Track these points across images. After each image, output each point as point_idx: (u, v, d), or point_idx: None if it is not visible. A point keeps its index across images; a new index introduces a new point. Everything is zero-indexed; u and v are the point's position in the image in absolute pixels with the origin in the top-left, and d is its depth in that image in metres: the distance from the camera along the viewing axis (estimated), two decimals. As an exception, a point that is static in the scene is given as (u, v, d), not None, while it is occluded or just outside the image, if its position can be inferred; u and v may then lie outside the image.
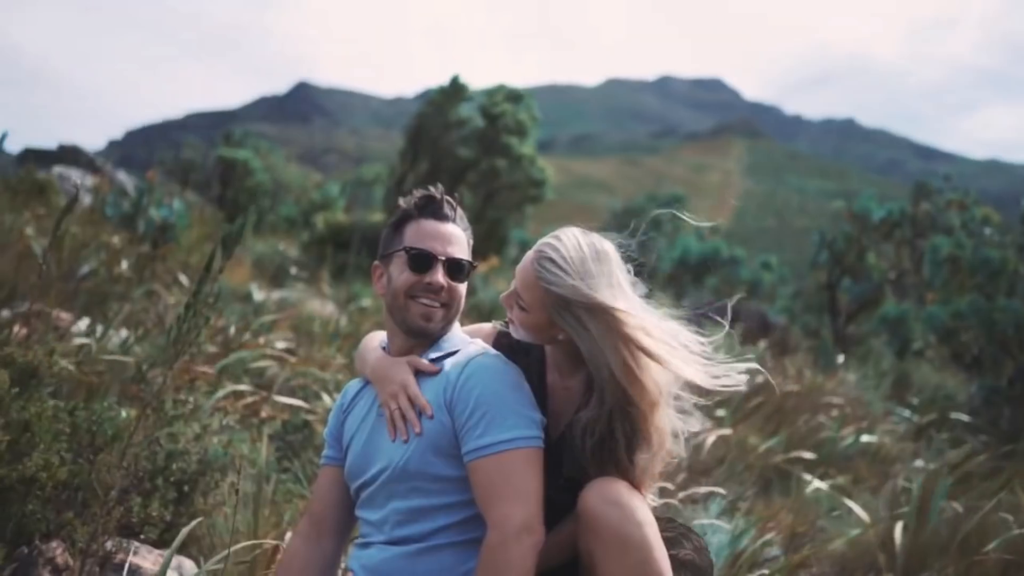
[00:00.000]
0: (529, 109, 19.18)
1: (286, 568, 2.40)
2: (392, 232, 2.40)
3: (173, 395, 3.89)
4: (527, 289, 2.23)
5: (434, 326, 2.33)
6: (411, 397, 2.23)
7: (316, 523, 2.44)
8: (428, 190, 2.41)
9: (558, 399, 2.37)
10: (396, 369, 2.31)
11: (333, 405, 2.65)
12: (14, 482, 2.86)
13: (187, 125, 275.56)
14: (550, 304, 2.17)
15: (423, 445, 2.19)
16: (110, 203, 10.19)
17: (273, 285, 11.24)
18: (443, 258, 2.30)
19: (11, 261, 7.77)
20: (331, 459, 2.50)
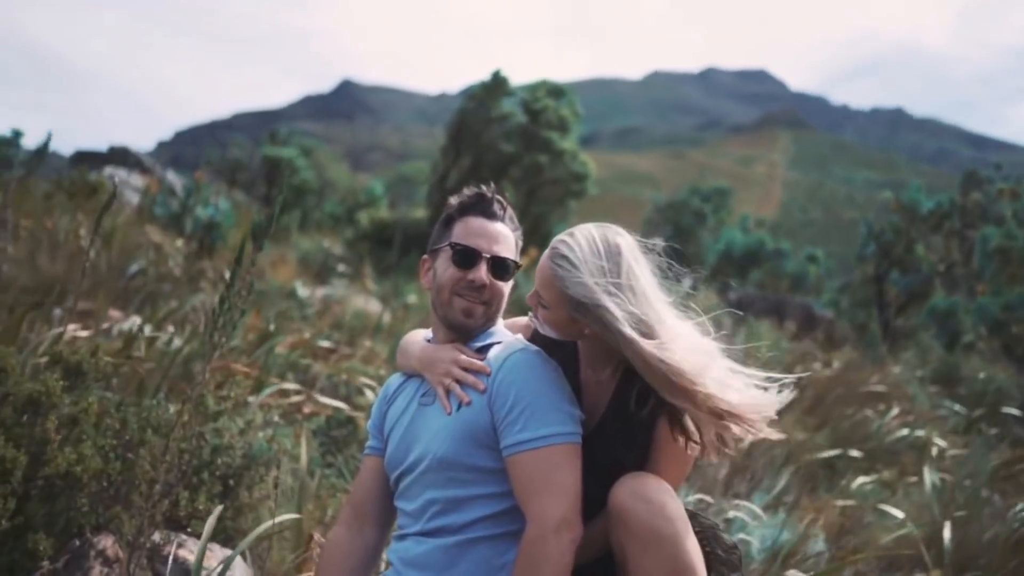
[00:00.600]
0: (571, 104, 19.13)
1: (328, 556, 2.44)
2: (442, 228, 2.44)
3: (215, 391, 3.95)
4: (545, 288, 2.23)
5: (474, 322, 2.36)
6: (465, 365, 2.27)
7: (358, 512, 2.48)
8: (479, 188, 2.43)
9: (591, 393, 2.38)
10: (443, 351, 2.35)
11: (376, 398, 2.69)
12: (55, 476, 2.93)
13: (234, 125, 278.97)
14: (568, 302, 2.17)
15: (469, 437, 2.21)
16: (159, 203, 10.36)
17: (318, 282, 11.37)
18: (487, 256, 2.33)
19: (64, 261, 7.95)
20: (373, 449, 2.54)
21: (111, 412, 3.36)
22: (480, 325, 2.38)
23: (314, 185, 23.65)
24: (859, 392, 8.08)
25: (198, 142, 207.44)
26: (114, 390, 4.30)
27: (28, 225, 9.18)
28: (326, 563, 2.44)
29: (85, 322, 6.36)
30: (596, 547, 2.22)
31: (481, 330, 2.41)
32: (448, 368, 2.30)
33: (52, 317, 6.21)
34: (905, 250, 15.21)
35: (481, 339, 2.39)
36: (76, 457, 2.98)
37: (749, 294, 14.83)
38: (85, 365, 3.25)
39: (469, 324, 2.35)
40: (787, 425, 6.63)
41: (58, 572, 3.02)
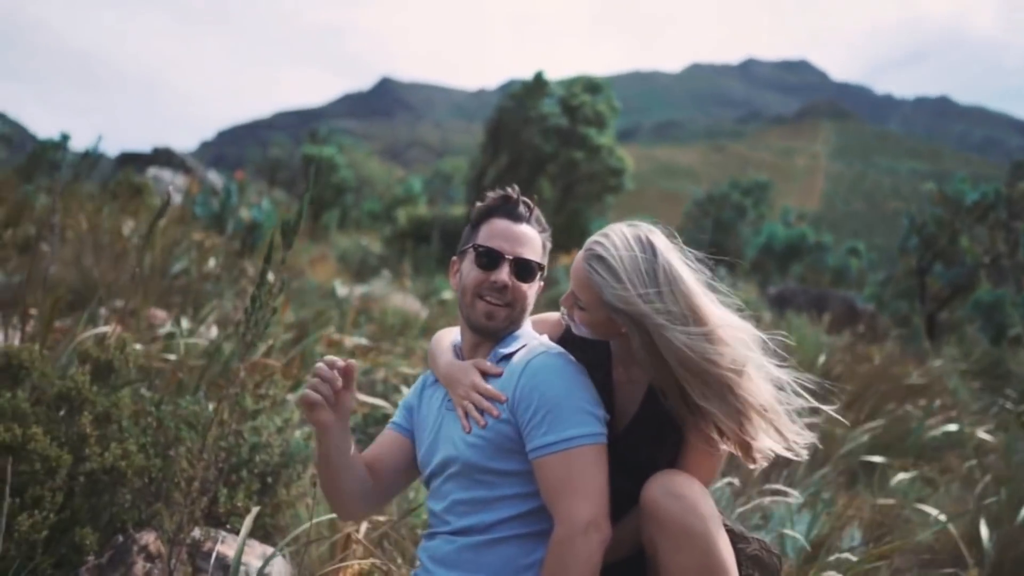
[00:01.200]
0: (608, 99, 19.07)
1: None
2: (470, 229, 2.45)
3: (254, 390, 4.02)
4: (582, 289, 2.22)
5: (495, 325, 2.36)
6: (482, 392, 2.27)
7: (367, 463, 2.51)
8: (505, 190, 2.43)
9: (624, 392, 2.39)
10: (464, 373, 2.35)
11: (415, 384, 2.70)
12: (101, 472, 3.00)
13: (275, 124, 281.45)
14: (606, 306, 2.16)
15: (487, 444, 2.23)
16: (199, 203, 10.51)
17: (357, 280, 11.45)
18: (510, 257, 2.33)
19: (109, 262, 8.10)
20: (396, 425, 2.57)
21: (149, 410, 3.43)
22: (503, 328, 2.37)
23: (353, 183, 23.81)
24: (900, 387, 7.98)
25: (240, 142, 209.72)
26: (156, 389, 4.38)
27: (74, 226, 9.36)
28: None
29: (128, 322, 6.49)
30: (628, 545, 2.23)
31: (506, 332, 2.40)
32: (467, 392, 2.30)
33: (97, 317, 6.33)
34: (949, 242, 14.97)
35: (507, 343, 2.39)
36: (121, 452, 3.05)
37: (790, 288, 14.66)
38: (115, 362, 3.32)
39: (491, 327, 2.36)
40: (825, 420, 6.59)
41: (102, 567, 3.10)
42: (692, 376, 2.09)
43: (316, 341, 5.73)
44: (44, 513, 2.84)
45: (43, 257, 7.76)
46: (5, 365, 3.54)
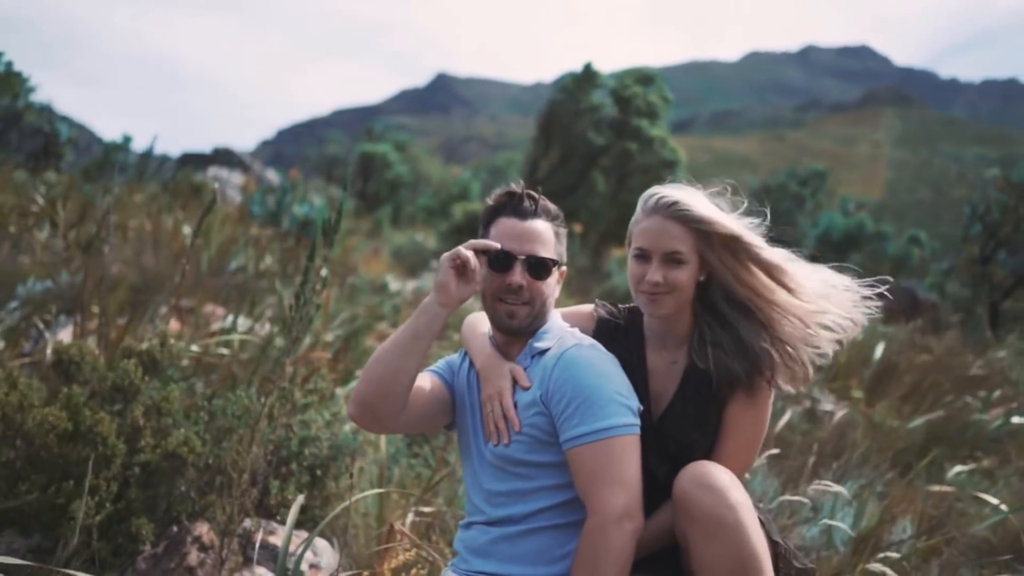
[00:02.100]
0: (660, 90, 18.94)
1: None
2: (481, 231, 2.44)
3: (303, 384, 4.10)
4: (679, 240, 2.28)
5: (519, 324, 2.35)
6: (504, 408, 2.30)
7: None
8: (509, 186, 2.42)
9: (661, 376, 2.40)
10: (498, 373, 2.37)
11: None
12: (160, 461, 3.09)
13: (333, 122, 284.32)
14: (702, 240, 2.28)
15: (526, 438, 2.26)
16: (256, 201, 10.69)
17: (410, 276, 11.55)
18: (521, 257, 2.31)
19: (168, 260, 8.29)
20: (437, 373, 2.53)
21: (201, 404, 3.53)
22: (527, 325, 2.36)
23: (408, 179, 23.96)
24: (960, 378, 7.83)
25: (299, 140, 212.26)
26: (211, 384, 4.49)
27: (135, 226, 9.60)
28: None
29: (186, 318, 6.64)
30: (666, 537, 2.24)
31: (532, 328, 2.39)
32: (493, 396, 2.33)
33: (156, 314, 6.49)
34: (1013, 229, 14.58)
35: (540, 338, 2.38)
36: (183, 439, 3.14)
37: (848, 278, 14.43)
38: (158, 355, 3.41)
39: (514, 326, 2.35)
40: (882, 411, 6.50)
41: (158, 556, 3.20)
42: (775, 285, 2.32)
43: (365, 335, 5.81)
44: (98, 500, 2.94)
45: (104, 257, 7.98)
46: (58, 361, 3.67)
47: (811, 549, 3.90)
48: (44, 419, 3.01)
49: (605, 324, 2.51)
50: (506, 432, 2.27)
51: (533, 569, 2.22)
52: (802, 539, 3.98)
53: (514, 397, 2.31)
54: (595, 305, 2.59)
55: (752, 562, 2.02)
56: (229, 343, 5.16)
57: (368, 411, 2.29)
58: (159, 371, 3.66)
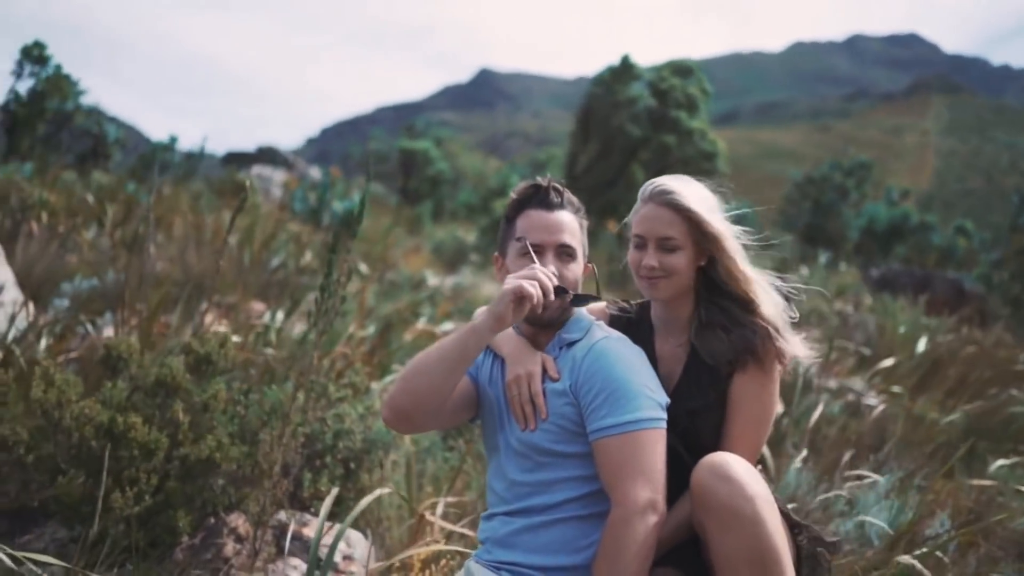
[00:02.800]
0: (699, 82, 18.79)
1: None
2: (507, 225, 2.45)
3: (337, 379, 4.15)
4: (670, 226, 2.34)
5: (549, 315, 2.35)
6: (532, 393, 2.31)
7: None
8: (535, 180, 2.44)
9: (667, 360, 2.45)
10: (529, 358, 2.38)
11: None
12: (195, 462, 3.15)
13: (376, 119, 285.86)
14: (695, 228, 2.34)
15: (555, 427, 2.27)
16: (297, 198, 10.81)
17: (450, 271, 11.60)
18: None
19: (210, 257, 8.41)
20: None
21: (238, 399, 3.58)
22: (557, 316, 2.37)
23: (448, 175, 24.03)
24: (1007, 371, 7.69)
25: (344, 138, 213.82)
26: (251, 379, 4.55)
27: (179, 224, 9.77)
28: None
29: (228, 314, 6.74)
30: (685, 529, 2.24)
31: (563, 319, 2.40)
32: (520, 379, 2.34)
33: (199, 310, 6.59)
34: (1065, 218, 14.25)
35: (569, 329, 2.40)
36: (216, 444, 3.19)
37: (892, 270, 14.17)
38: (214, 356, 3.47)
39: (545, 318, 2.35)
40: (925, 405, 6.41)
41: (195, 547, 3.27)
42: (746, 291, 2.38)
43: (401, 331, 5.86)
44: (136, 491, 3.01)
45: (147, 255, 8.13)
46: (105, 357, 3.75)
47: (846, 543, 3.86)
48: (80, 413, 3.08)
49: (617, 319, 2.56)
50: (532, 417, 2.28)
51: (555, 559, 2.23)
52: (837, 533, 3.95)
53: (543, 386, 2.32)
54: (606, 303, 2.63)
55: (770, 554, 2.02)
56: (268, 339, 5.23)
57: (404, 418, 2.31)
58: (207, 369, 3.72)
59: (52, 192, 9.35)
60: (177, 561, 3.18)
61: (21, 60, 17.23)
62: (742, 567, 2.03)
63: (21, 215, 8.11)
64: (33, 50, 17.20)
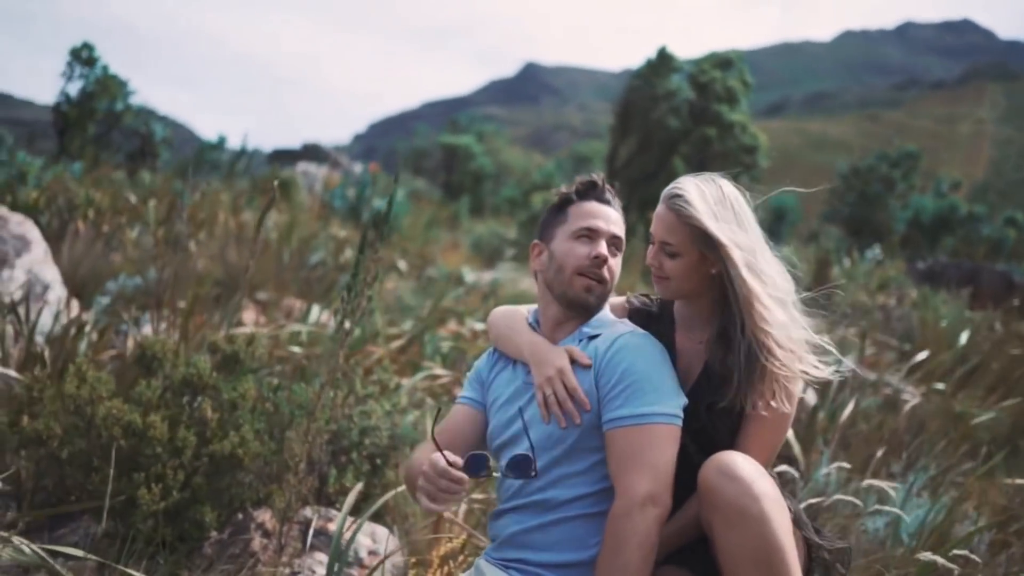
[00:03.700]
0: (741, 74, 18.58)
1: (409, 466, 2.55)
2: (555, 213, 2.52)
3: (363, 375, 4.20)
4: (671, 232, 2.32)
5: (593, 299, 2.41)
6: (569, 389, 2.31)
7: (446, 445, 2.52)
8: (591, 177, 2.53)
9: (687, 356, 2.44)
10: (556, 355, 2.39)
11: (484, 355, 2.74)
12: (220, 458, 3.22)
13: (422, 115, 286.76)
14: (698, 237, 2.27)
15: (583, 429, 2.28)
16: (337, 195, 10.91)
17: (489, 267, 11.62)
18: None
19: (251, 255, 8.53)
20: (469, 400, 2.60)
21: (267, 396, 3.65)
22: (595, 303, 2.43)
23: (490, 170, 24.06)
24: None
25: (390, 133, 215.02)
26: (285, 376, 4.63)
27: (221, 221, 9.92)
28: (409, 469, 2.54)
29: (267, 311, 6.85)
30: (693, 529, 2.24)
31: (596, 309, 2.45)
32: (553, 376, 2.34)
33: (239, 308, 6.70)
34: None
35: (592, 325, 2.44)
36: (239, 440, 3.26)
37: (940, 262, 13.89)
38: (242, 354, 3.53)
39: (590, 301, 2.41)
40: (965, 400, 6.31)
41: (223, 542, 3.34)
42: (747, 308, 2.24)
43: (434, 329, 5.91)
44: (163, 488, 3.08)
45: (188, 253, 8.27)
46: (141, 356, 3.84)
47: (874, 542, 3.83)
48: (108, 414, 3.16)
49: (637, 312, 2.57)
50: (575, 412, 2.28)
51: (563, 555, 2.25)
52: (867, 531, 3.92)
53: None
54: (627, 296, 2.64)
55: (776, 554, 2.01)
56: (301, 335, 5.31)
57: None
58: (236, 367, 3.80)
59: (98, 192, 9.54)
60: (205, 555, 3.25)
61: (71, 62, 17.61)
62: (748, 566, 2.02)
63: (68, 215, 8.29)
64: (82, 52, 17.57)
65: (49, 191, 8.39)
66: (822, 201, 25.82)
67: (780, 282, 2.33)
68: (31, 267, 5.96)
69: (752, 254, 2.28)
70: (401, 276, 9.21)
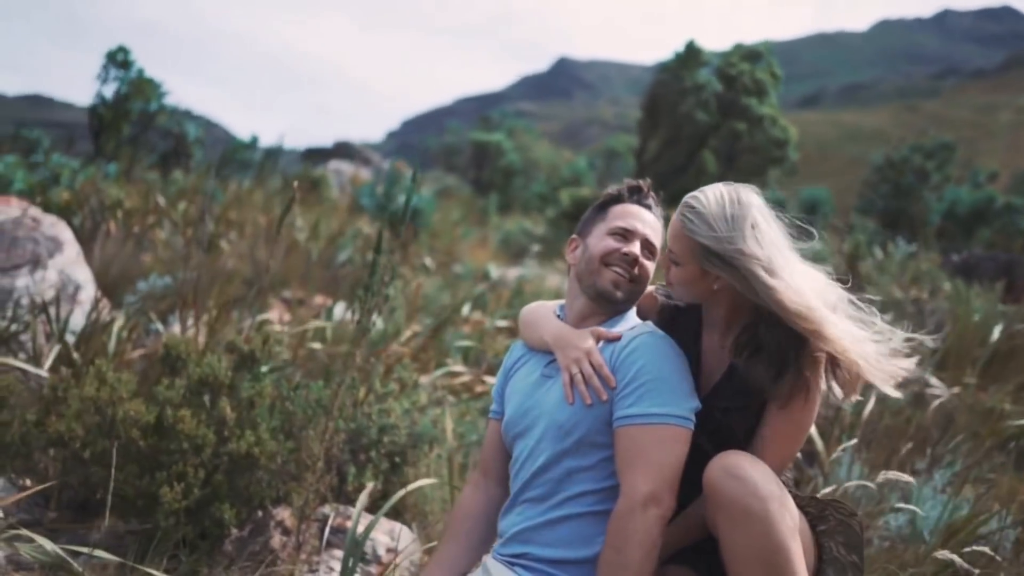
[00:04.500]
0: (770, 67, 18.39)
1: (456, 510, 2.65)
2: (597, 211, 2.58)
3: (384, 373, 4.23)
4: (675, 241, 2.31)
5: (619, 294, 2.43)
6: (595, 365, 2.33)
7: (484, 471, 2.66)
8: (637, 181, 2.58)
9: (710, 357, 2.43)
10: (580, 338, 2.41)
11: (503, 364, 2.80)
12: (238, 456, 3.26)
13: (456, 111, 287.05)
14: (699, 252, 2.25)
15: (590, 412, 2.29)
16: (365, 194, 10.97)
17: (515, 263, 11.63)
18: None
19: (280, 253, 8.62)
20: (496, 414, 2.68)
21: (286, 395, 3.69)
22: (622, 301, 2.45)
23: (520, 166, 24.05)
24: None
25: (424, 130, 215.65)
26: (311, 374, 4.67)
27: (252, 221, 10.02)
28: (453, 518, 2.64)
29: (292, 309, 6.91)
30: (699, 528, 2.24)
31: (622, 307, 2.48)
32: (580, 357, 2.36)
33: (265, 305, 6.77)
34: None
35: (614, 323, 2.46)
36: (255, 439, 3.30)
37: (975, 255, 13.64)
38: (257, 353, 3.57)
39: (615, 295, 2.43)
40: (996, 396, 6.22)
41: (244, 539, 3.39)
42: (778, 305, 2.16)
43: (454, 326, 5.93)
44: (184, 486, 3.13)
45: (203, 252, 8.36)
46: (165, 355, 3.90)
47: (897, 539, 3.80)
48: (126, 416, 3.21)
49: (666, 305, 2.57)
50: (601, 389, 2.29)
51: (567, 552, 2.26)
52: (888, 528, 3.89)
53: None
54: (656, 286, 2.64)
55: (781, 553, 2.01)
56: (324, 334, 5.35)
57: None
58: (253, 366, 3.84)
59: (130, 192, 9.68)
60: (226, 553, 3.30)
61: (106, 65, 17.86)
62: (752, 565, 2.03)
63: (100, 216, 8.42)
64: (117, 55, 17.81)
65: (82, 193, 8.52)
66: (857, 193, 25.46)
67: (813, 285, 2.25)
68: (63, 268, 6.05)
69: (769, 262, 2.19)
70: (428, 273, 9.24)
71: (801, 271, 2.26)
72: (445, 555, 2.52)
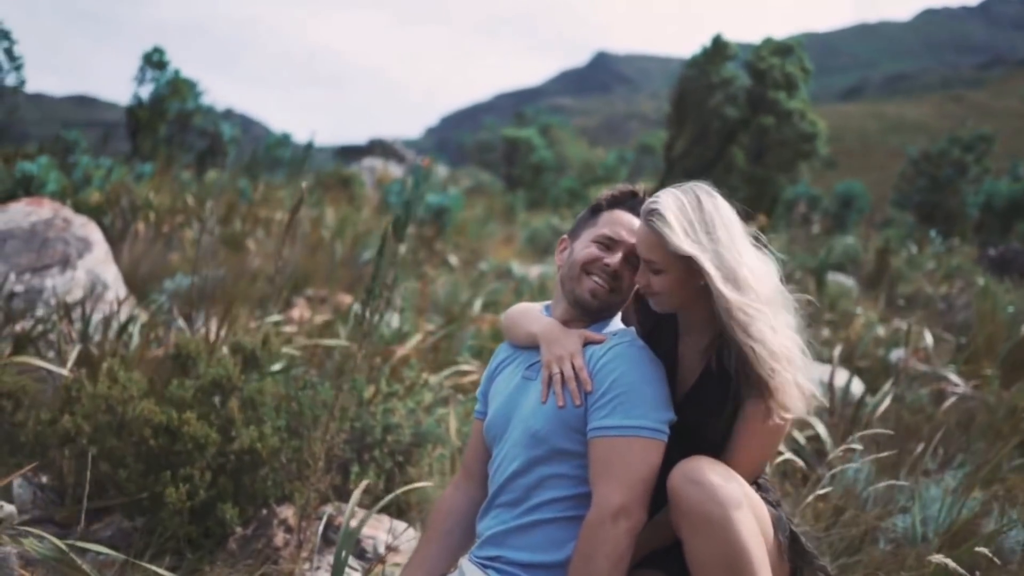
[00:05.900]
0: (800, 61, 18.17)
1: (436, 511, 2.66)
2: (588, 214, 2.54)
3: (391, 374, 4.27)
4: (653, 250, 2.27)
5: (597, 303, 2.41)
6: (576, 368, 2.33)
7: (466, 472, 2.67)
8: (633, 187, 2.52)
9: (685, 363, 2.42)
10: (568, 337, 2.41)
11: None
12: (242, 453, 3.33)
13: (494, 107, 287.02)
14: (673, 254, 2.22)
15: (562, 420, 2.29)
16: (392, 191, 11.04)
17: (542, 260, 11.63)
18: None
19: (306, 250, 8.71)
20: (480, 414, 2.68)
21: (292, 395, 3.75)
22: (601, 308, 2.43)
23: (551, 163, 24.01)
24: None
25: (462, 126, 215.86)
26: (326, 374, 4.73)
27: (279, 219, 10.13)
28: (433, 518, 2.65)
29: (312, 306, 6.99)
30: (668, 532, 2.24)
31: (599, 315, 2.46)
32: (563, 356, 2.36)
33: (287, 304, 6.84)
34: None
35: (597, 329, 2.45)
36: (258, 435, 3.37)
37: (1012, 248, 13.39)
38: (258, 352, 3.64)
39: (592, 304, 2.41)
40: (1017, 393, 6.12)
41: (247, 538, 3.45)
42: (734, 323, 2.16)
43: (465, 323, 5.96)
44: (189, 487, 3.20)
45: (246, 251, 8.48)
46: (176, 355, 3.99)
47: (901, 540, 3.77)
48: (138, 415, 3.28)
49: (648, 311, 2.53)
50: (577, 392, 2.29)
51: (539, 556, 2.27)
52: (895, 529, 3.86)
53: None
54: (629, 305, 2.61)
55: (741, 558, 2.01)
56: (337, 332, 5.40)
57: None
58: (259, 365, 3.91)
59: (160, 192, 9.83)
60: (230, 551, 3.36)
61: (143, 66, 18.13)
62: (714, 570, 2.04)
63: (130, 216, 8.56)
64: (153, 56, 18.07)
65: (112, 193, 8.66)
66: (894, 187, 25.04)
67: (762, 289, 2.24)
68: (92, 268, 6.15)
69: (728, 267, 2.20)
70: (451, 271, 9.29)
71: (752, 268, 2.26)
72: (423, 555, 2.53)
